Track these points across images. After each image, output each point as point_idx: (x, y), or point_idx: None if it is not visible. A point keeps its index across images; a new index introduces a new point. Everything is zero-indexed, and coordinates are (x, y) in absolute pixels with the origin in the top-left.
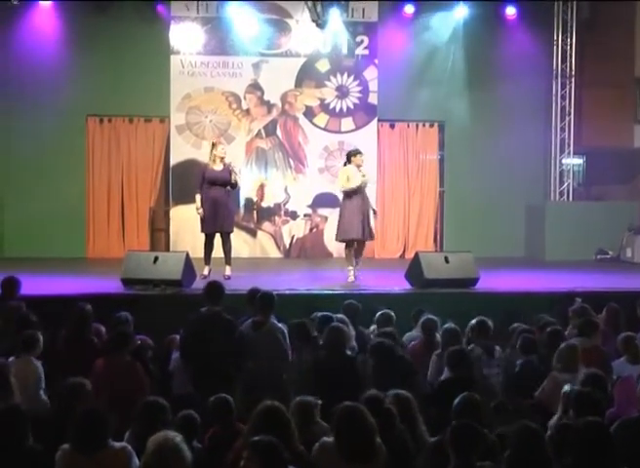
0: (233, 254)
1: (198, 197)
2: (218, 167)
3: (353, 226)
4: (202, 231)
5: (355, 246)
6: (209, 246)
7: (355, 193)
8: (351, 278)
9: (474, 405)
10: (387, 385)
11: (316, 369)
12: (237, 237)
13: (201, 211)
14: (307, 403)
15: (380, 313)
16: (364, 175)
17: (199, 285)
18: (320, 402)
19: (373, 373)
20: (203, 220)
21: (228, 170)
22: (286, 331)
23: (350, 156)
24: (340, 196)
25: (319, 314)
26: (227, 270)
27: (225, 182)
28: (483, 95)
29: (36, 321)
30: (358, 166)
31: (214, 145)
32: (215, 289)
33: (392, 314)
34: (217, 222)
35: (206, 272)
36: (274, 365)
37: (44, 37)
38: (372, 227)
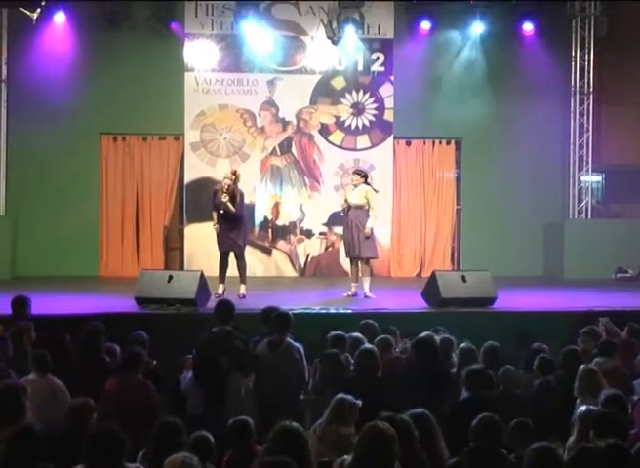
0: (248, 273)
1: (215, 214)
2: (224, 197)
3: (345, 245)
4: (219, 248)
5: (355, 263)
6: (223, 264)
7: (345, 213)
8: (348, 293)
9: (493, 426)
10: (424, 386)
11: (346, 391)
12: (252, 255)
13: (217, 226)
14: (346, 401)
15: (378, 339)
16: (345, 200)
17: (214, 304)
18: (360, 403)
19: (411, 371)
20: (218, 237)
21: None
22: (302, 350)
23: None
24: None
25: (333, 333)
26: (242, 289)
27: (230, 211)
28: (500, 111)
29: (69, 341)
30: (355, 186)
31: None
32: (224, 308)
33: (392, 340)
34: (229, 241)
35: (220, 291)
36: (291, 385)
37: (57, 55)
38: (361, 246)
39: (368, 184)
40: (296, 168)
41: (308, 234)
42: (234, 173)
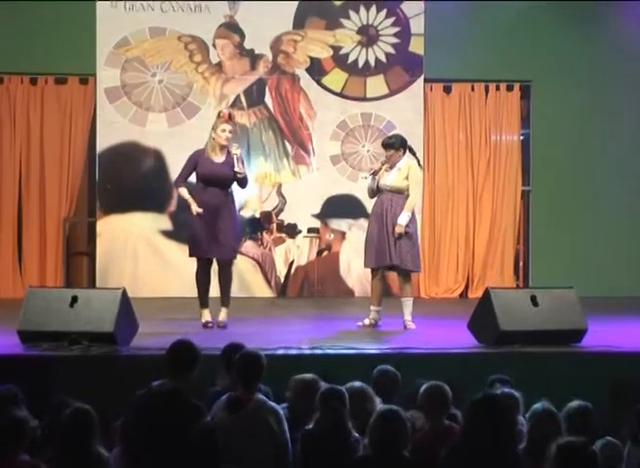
0: (193, 293)
1: (184, 190)
2: (218, 157)
3: (367, 248)
4: (191, 255)
5: (379, 276)
6: (205, 278)
7: (375, 200)
8: (364, 322)
9: None
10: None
11: None
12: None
13: (199, 210)
14: None
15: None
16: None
17: (144, 341)
18: None
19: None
20: (194, 237)
21: (232, 161)
22: (282, 412)
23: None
24: None
25: (325, 387)
26: (224, 314)
27: (227, 181)
28: (590, 41)
29: None
30: (390, 166)
31: (218, 117)
32: (182, 354)
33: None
34: (216, 244)
35: (208, 318)
36: (264, 465)
37: None
38: (399, 251)
39: (414, 156)
40: (271, 127)
41: (291, 231)
42: (231, 116)
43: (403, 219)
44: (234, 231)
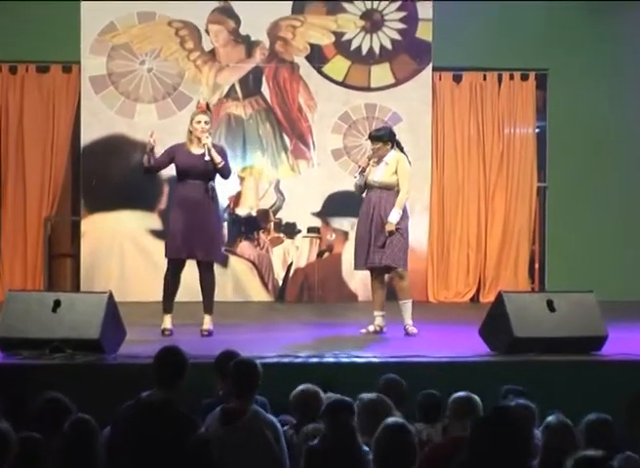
0: (190, 296)
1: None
2: (196, 149)
3: (356, 249)
4: (166, 255)
5: (379, 278)
6: (174, 280)
7: (363, 197)
8: (368, 328)
9: None
10: None
11: None
12: (194, 267)
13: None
14: None
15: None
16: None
17: (132, 348)
18: None
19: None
20: (170, 235)
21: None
22: (279, 425)
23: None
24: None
25: (332, 398)
26: (207, 321)
27: (207, 173)
28: (611, 29)
29: None
30: (378, 158)
31: (196, 109)
32: (169, 360)
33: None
34: (192, 243)
35: (168, 325)
36: None
37: None
38: (393, 250)
39: (402, 150)
40: (269, 119)
41: (290, 231)
42: (208, 107)
43: (394, 217)
44: (216, 229)
